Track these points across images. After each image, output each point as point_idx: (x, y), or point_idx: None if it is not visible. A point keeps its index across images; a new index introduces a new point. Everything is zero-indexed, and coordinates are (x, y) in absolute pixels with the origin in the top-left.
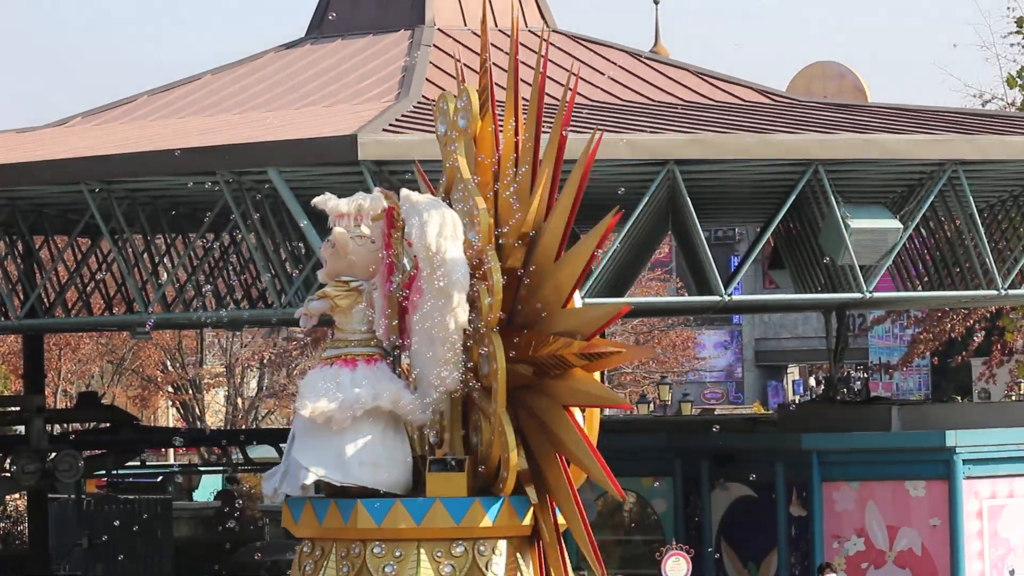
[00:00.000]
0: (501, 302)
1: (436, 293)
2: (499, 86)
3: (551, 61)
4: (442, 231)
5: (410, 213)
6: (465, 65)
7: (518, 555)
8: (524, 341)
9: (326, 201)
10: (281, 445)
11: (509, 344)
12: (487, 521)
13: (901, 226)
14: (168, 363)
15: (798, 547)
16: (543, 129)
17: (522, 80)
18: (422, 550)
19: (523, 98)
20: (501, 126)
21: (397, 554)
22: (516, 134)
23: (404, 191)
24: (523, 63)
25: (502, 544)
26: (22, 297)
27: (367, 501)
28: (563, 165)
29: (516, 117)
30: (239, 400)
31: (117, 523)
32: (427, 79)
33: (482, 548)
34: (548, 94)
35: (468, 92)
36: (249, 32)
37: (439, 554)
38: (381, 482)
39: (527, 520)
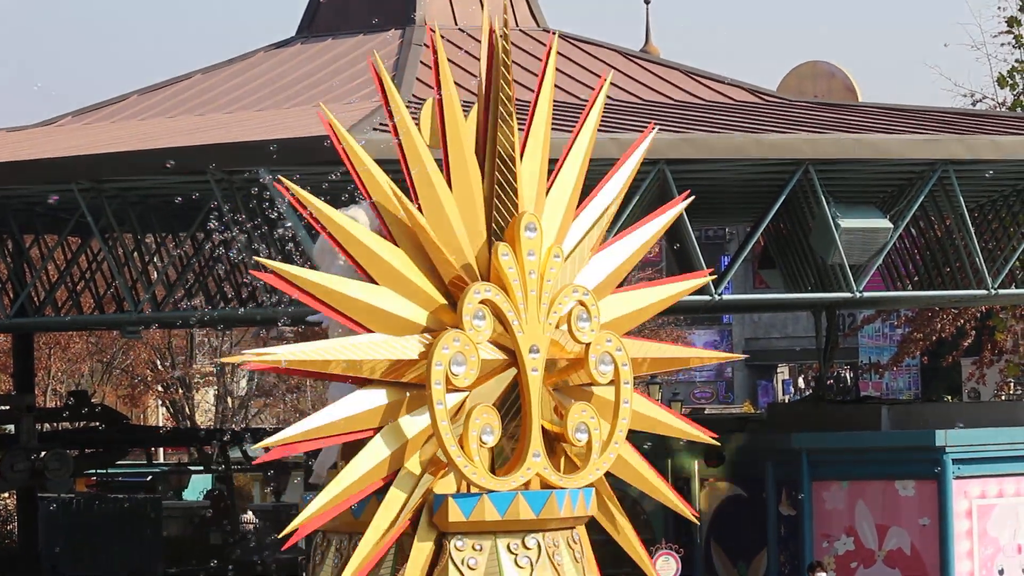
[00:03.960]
0: None
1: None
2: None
3: (539, 60)
4: (321, 246)
5: None
6: (457, 64)
7: (398, 551)
8: None
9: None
10: None
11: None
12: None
13: (891, 226)
14: (158, 362)
15: (788, 546)
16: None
17: (517, 82)
18: (332, 540)
19: (519, 99)
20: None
21: (325, 544)
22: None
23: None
24: (516, 64)
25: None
26: (12, 296)
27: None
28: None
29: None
30: (229, 399)
31: (105, 521)
32: (418, 78)
33: (357, 540)
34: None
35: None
36: (239, 31)
37: (341, 545)
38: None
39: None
